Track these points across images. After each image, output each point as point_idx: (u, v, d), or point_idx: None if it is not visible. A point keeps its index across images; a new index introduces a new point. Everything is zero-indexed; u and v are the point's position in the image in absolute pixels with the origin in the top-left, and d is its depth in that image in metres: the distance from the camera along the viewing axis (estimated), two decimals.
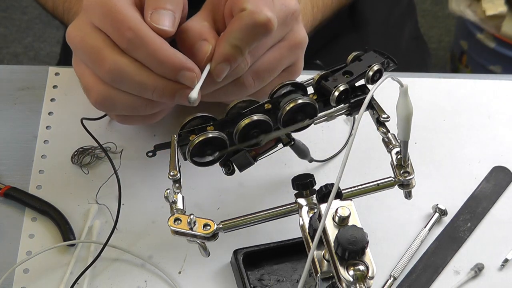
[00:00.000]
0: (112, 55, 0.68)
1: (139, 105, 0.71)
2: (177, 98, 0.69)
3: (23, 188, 0.79)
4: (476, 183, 0.82)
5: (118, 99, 0.70)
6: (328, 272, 0.60)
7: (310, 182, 0.64)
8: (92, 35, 0.69)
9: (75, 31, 0.71)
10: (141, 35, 0.67)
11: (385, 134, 0.69)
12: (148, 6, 0.69)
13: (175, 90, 0.69)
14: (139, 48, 0.67)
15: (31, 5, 2.21)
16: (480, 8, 1.70)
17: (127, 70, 0.68)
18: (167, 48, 0.67)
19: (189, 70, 0.68)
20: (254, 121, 0.68)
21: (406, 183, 0.66)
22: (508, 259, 0.76)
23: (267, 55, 0.73)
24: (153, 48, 0.67)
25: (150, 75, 0.68)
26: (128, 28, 0.67)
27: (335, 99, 0.70)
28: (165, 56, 0.67)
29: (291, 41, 0.74)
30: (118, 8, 0.67)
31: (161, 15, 0.68)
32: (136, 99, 0.70)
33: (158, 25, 0.68)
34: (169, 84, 0.69)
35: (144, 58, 0.68)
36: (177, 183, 0.66)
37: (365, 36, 1.12)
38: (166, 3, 0.68)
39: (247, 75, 0.73)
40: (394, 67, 0.74)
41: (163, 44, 0.67)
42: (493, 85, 0.91)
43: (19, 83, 0.87)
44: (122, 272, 0.74)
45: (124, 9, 0.68)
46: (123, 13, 0.67)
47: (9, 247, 0.75)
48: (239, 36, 0.68)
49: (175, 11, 0.69)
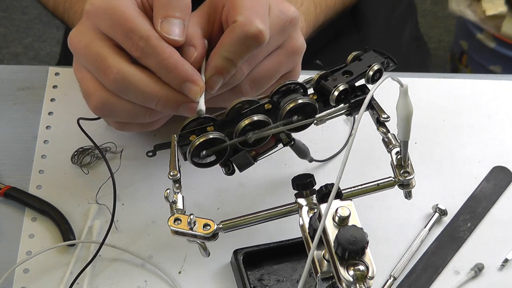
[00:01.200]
0: (117, 63, 0.68)
1: (139, 113, 0.71)
2: (181, 109, 0.70)
3: (23, 188, 0.79)
4: (476, 183, 0.82)
5: (119, 106, 0.70)
6: (328, 272, 0.60)
7: (310, 182, 0.64)
8: (97, 42, 0.69)
9: (79, 36, 0.70)
10: (153, 44, 0.67)
11: (385, 134, 0.69)
12: (158, 14, 0.69)
13: (179, 102, 0.69)
14: (151, 56, 0.67)
15: (31, 5, 2.21)
16: (480, 8, 1.70)
17: (132, 80, 0.68)
18: (177, 57, 0.68)
19: (194, 83, 0.68)
20: (254, 121, 0.68)
21: (406, 183, 0.66)
22: (508, 259, 0.76)
23: (265, 63, 0.73)
24: (164, 57, 0.67)
25: (155, 85, 0.68)
26: (140, 37, 0.67)
27: (335, 98, 0.70)
28: (174, 65, 0.67)
29: (289, 48, 0.74)
30: (128, 16, 0.68)
31: (171, 24, 0.68)
32: (137, 107, 0.70)
33: (169, 35, 0.68)
34: (173, 95, 0.69)
35: (155, 66, 0.68)
36: (177, 183, 0.66)
37: (365, 36, 1.12)
38: (176, 11, 0.68)
39: (244, 83, 0.73)
40: (394, 67, 0.74)
41: (173, 54, 0.68)
42: (493, 85, 0.91)
43: (19, 83, 0.87)
44: (122, 272, 0.74)
45: (133, 17, 0.68)
46: (133, 22, 0.67)
47: (9, 247, 0.75)
48: (231, 49, 0.68)
49: (184, 19, 0.69)
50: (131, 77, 0.68)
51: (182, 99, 0.69)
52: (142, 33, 0.67)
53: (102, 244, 0.71)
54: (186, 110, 0.69)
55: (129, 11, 0.68)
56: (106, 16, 0.68)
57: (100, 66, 0.69)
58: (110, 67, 0.68)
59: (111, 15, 0.68)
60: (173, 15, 0.68)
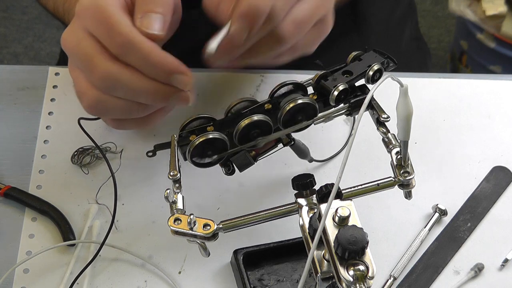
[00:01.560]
0: (103, 62, 0.68)
1: (131, 108, 0.71)
2: (172, 100, 0.69)
3: (23, 188, 0.79)
4: (476, 183, 0.82)
5: (110, 104, 0.70)
6: (328, 272, 0.60)
7: (310, 182, 0.64)
8: (85, 42, 0.69)
9: (69, 36, 0.71)
10: (132, 39, 0.67)
11: (385, 134, 0.69)
12: (138, 10, 0.68)
13: (168, 94, 0.69)
14: (130, 52, 0.67)
15: (31, 5, 2.21)
16: (480, 8, 1.70)
17: (119, 77, 0.68)
18: (158, 51, 0.67)
19: (182, 73, 0.68)
20: (254, 122, 0.68)
21: (406, 183, 0.66)
22: (508, 259, 0.76)
23: (302, 3, 0.72)
24: (145, 52, 0.67)
25: (142, 80, 0.68)
26: (119, 33, 0.67)
27: (334, 98, 0.70)
28: (158, 60, 0.67)
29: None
30: (109, 13, 0.67)
31: (150, 19, 0.68)
32: (128, 103, 0.70)
33: (148, 29, 0.68)
34: (161, 87, 0.69)
35: (136, 62, 0.68)
36: (177, 183, 0.66)
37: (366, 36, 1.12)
38: (156, 6, 0.68)
39: (284, 25, 0.71)
40: (394, 67, 0.74)
41: (154, 48, 0.67)
42: (493, 85, 0.91)
43: (19, 83, 0.87)
44: (122, 272, 0.74)
45: (114, 14, 0.67)
46: (113, 18, 0.67)
47: (9, 247, 0.75)
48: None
49: (165, 14, 0.69)
50: (118, 75, 0.68)
51: (171, 90, 0.69)
52: (121, 29, 0.67)
53: (103, 244, 0.71)
54: (177, 101, 0.69)
55: (111, 10, 0.68)
56: (91, 15, 0.68)
57: (88, 65, 0.69)
58: (97, 66, 0.68)
59: (95, 14, 0.68)
60: (153, 10, 0.68)
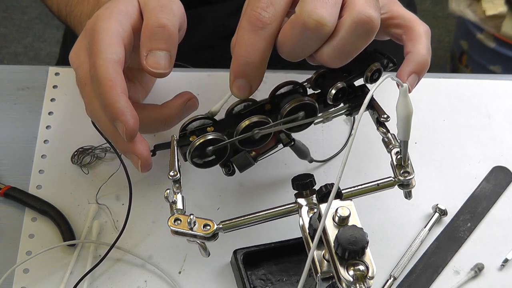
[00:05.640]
0: (90, 94, 0.69)
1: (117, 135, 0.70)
2: (128, 158, 0.70)
3: (23, 188, 0.79)
4: (476, 183, 0.82)
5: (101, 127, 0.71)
6: (328, 272, 0.60)
7: (310, 182, 0.64)
8: (83, 66, 0.70)
9: (74, 56, 0.72)
10: (99, 73, 0.66)
11: (385, 134, 0.69)
12: (143, 46, 0.68)
13: (124, 149, 0.69)
14: (96, 87, 0.67)
15: (31, 5, 2.21)
16: (480, 8, 1.70)
17: (97, 115, 0.69)
18: (115, 93, 0.66)
19: (122, 122, 0.66)
20: (254, 122, 0.68)
21: (406, 183, 0.66)
22: (508, 259, 0.76)
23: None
24: (104, 90, 0.66)
25: (108, 123, 0.69)
26: (93, 63, 0.66)
27: (332, 97, 0.70)
28: (109, 101, 0.66)
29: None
30: (99, 39, 0.67)
31: (155, 57, 0.67)
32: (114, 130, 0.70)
33: (154, 69, 0.67)
34: (120, 137, 0.68)
35: (97, 97, 0.67)
36: (177, 183, 0.66)
37: None
38: (161, 42, 0.67)
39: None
40: (393, 67, 0.74)
41: (113, 88, 0.66)
42: (493, 85, 0.91)
43: (19, 83, 0.87)
44: (122, 272, 0.74)
45: (103, 42, 0.67)
46: (98, 46, 0.67)
47: (9, 247, 0.75)
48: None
49: (171, 50, 0.68)
50: (96, 112, 0.69)
51: (126, 145, 0.68)
52: (96, 61, 0.66)
53: (112, 246, 0.72)
54: (132, 161, 0.70)
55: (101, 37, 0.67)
56: (88, 36, 0.69)
57: (81, 91, 0.71)
58: (84, 97, 0.70)
59: (90, 37, 0.68)
60: (158, 47, 0.67)
